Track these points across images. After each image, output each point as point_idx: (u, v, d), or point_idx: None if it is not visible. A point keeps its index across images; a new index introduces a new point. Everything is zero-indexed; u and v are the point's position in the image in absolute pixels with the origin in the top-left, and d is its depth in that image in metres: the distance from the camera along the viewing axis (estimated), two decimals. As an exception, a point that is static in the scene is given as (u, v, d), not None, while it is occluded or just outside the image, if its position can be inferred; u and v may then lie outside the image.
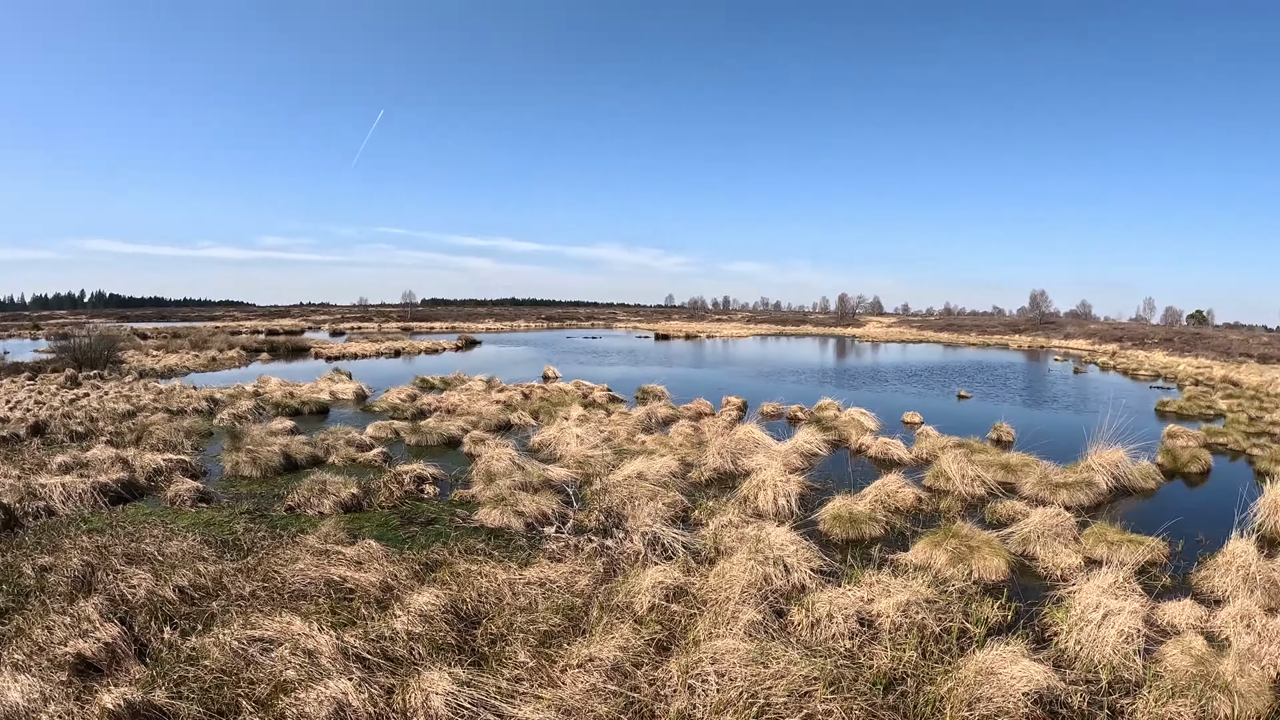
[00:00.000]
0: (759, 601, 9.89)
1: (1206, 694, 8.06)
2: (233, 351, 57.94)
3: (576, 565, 11.27)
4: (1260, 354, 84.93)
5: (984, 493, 17.43)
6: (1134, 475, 18.74)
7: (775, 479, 16.31)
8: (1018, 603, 10.84)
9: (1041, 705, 7.69)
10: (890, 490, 16.41)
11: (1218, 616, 10.29)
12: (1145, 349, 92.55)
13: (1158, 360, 74.01)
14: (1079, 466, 18.52)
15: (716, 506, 15.12)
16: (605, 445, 21.42)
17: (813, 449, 21.60)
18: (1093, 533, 13.84)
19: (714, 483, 18.01)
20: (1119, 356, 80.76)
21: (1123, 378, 56.94)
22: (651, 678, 7.75)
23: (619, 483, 16.37)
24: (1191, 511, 16.29)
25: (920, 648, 8.95)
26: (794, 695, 7.27)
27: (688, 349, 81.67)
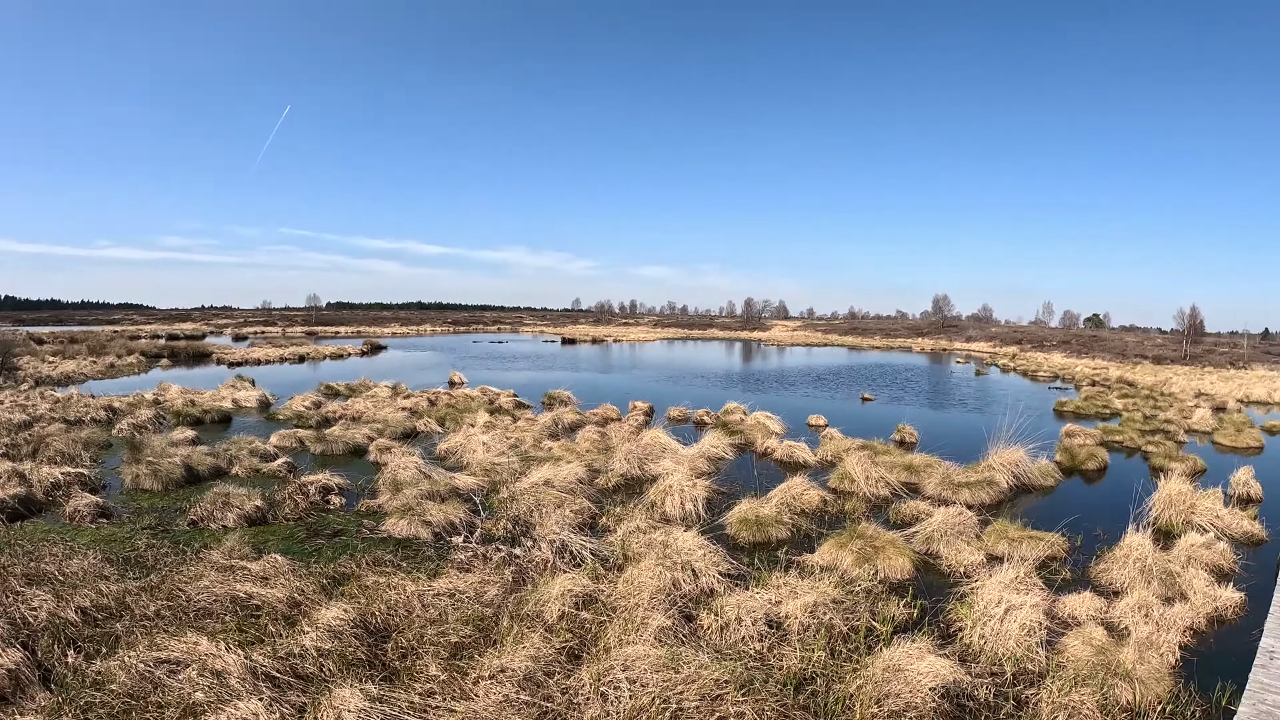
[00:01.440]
0: (668, 607, 10.18)
1: (1108, 682, 8.72)
2: (132, 357, 57.49)
3: (485, 575, 11.40)
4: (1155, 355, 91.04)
5: (888, 493, 18.29)
6: (1034, 473, 19.98)
7: (682, 484, 16.78)
8: (923, 600, 11.43)
9: (949, 699, 8.19)
10: (796, 493, 17.02)
11: (1117, 607, 11.10)
12: (1045, 351, 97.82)
13: (1056, 362, 78.48)
14: (980, 466, 19.62)
15: (624, 512, 15.52)
16: (512, 452, 21.61)
17: (719, 453, 22.25)
18: (994, 530, 14.71)
19: (621, 488, 18.39)
20: (1019, 358, 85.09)
21: (1023, 379, 60.19)
22: (564, 686, 7.91)
23: (526, 490, 16.57)
24: (1090, 507, 17.47)
25: (829, 647, 9.37)
26: (706, 699, 7.54)
27: (595, 353, 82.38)
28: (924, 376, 58.71)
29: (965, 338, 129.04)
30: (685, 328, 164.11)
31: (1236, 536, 15.51)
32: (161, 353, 62.32)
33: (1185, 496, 16.69)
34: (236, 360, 58.26)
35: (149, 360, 57.72)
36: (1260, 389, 50.71)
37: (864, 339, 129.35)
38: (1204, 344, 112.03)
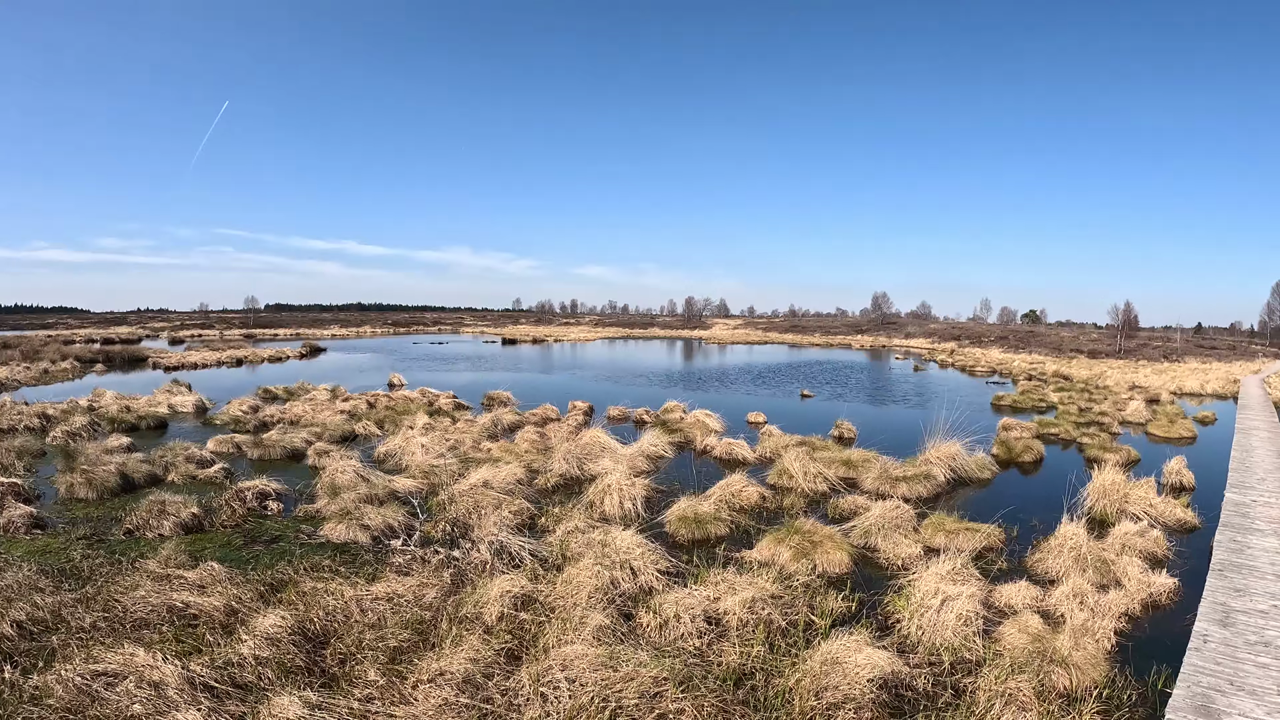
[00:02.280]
0: (607, 605, 10.22)
1: (1045, 669, 8.93)
2: (66, 363, 55.89)
3: (424, 578, 11.33)
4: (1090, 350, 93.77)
5: (826, 489, 18.52)
6: (970, 467, 20.43)
7: (621, 483, 16.84)
8: (861, 593, 11.59)
9: (887, 690, 8.30)
10: (735, 490, 17.15)
11: (1052, 595, 11.37)
12: (982, 347, 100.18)
13: (994, 357, 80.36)
14: (918, 460, 19.99)
15: (563, 512, 15.54)
16: (451, 454, 21.53)
17: (659, 451, 22.34)
18: (931, 523, 14.99)
19: (561, 488, 18.38)
20: (957, 354, 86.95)
21: (961, 374, 61.61)
22: (504, 688, 7.89)
23: (465, 492, 16.51)
24: (1026, 499, 17.89)
25: (768, 642, 9.46)
26: (645, 697, 7.57)
27: (535, 353, 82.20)
28: (863, 373, 59.60)
29: (904, 334, 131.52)
30: (626, 327, 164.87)
31: (1170, 524, 16.03)
32: (96, 357, 60.79)
33: (1119, 486, 17.20)
34: (173, 364, 56.84)
35: (84, 365, 56.15)
36: (1192, 381, 52.60)
37: (804, 337, 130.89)
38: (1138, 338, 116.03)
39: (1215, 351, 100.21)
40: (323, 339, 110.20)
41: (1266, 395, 43.02)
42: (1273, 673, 8.55)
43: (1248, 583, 11.53)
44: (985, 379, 56.52)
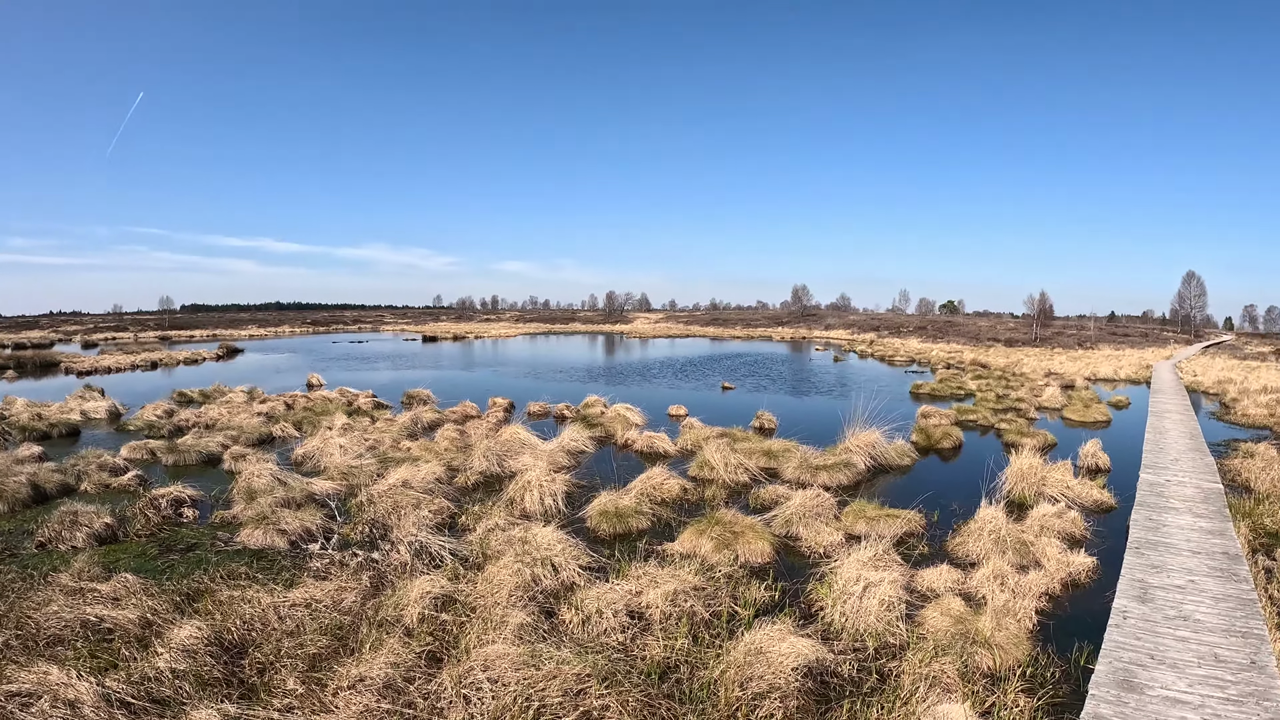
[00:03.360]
0: (528, 603, 10.16)
1: (968, 650, 9.12)
2: None
3: (343, 582, 11.15)
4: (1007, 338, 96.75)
5: (747, 479, 18.68)
6: (891, 454, 20.85)
7: (541, 479, 16.82)
8: (784, 582, 11.70)
9: (812, 677, 8.35)
10: (656, 483, 17.23)
11: (974, 578, 11.63)
12: (901, 337, 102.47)
13: (913, 347, 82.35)
14: (838, 449, 20.30)
15: (484, 510, 15.44)
16: (370, 454, 21.31)
17: (579, 446, 22.35)
18: (853, 510, 15.23)
19: (481, 486, 18.29)
20: (877, 344, 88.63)
21: (881, 364, 62.87)
22: (426, 691, 7.79)
23: (384, 492, 16.38)
24: (946, 484, 18.32)
25: (692, 634, 9.49)
26: (568, 695, 7.56)
27: (456, 350, 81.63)
28: (784, 364, 60.38)
29: (824, 326, 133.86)
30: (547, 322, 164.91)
31: (1087, 505, 16.55)
32: (6, 363, 58.35)
33: (1036, 470, 17.71)
34: (86, 369, 54.70)
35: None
36: (1106, 367, 54.78)
37: (725, 329, 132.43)
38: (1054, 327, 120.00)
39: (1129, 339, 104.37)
40: (240, 340, 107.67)
41: (1178, 379, 44.93)
42: (1193, 646, 8.84)
43: (1164, 559, 11.93)
44: (904, 368, 57.83)
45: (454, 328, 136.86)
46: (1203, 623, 9.53)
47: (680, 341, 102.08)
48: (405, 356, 70.81)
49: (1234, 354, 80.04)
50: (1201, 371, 52.61)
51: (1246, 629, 9.36)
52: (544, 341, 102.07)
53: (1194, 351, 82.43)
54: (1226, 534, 13.39)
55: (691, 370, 53.92)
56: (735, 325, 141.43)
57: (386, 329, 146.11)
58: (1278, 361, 68.36)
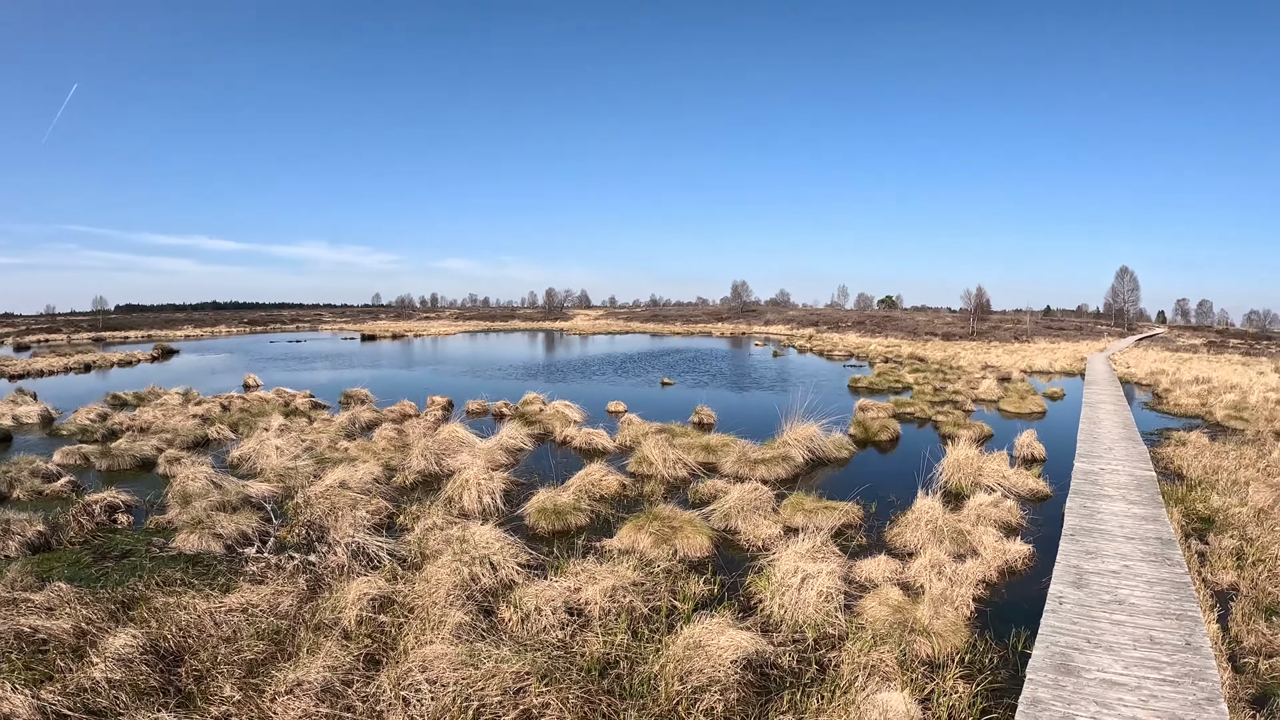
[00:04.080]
0: (466, 602, 10.10)
1: (907, 639, 9.27)
2: None
3: (279, 585, 11.00)
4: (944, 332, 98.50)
5: (686, 474, 18.77)
6: (828, 447, 21.07)
7: (479, 477, 16.72)
8: (723, 576, 11.75)
9: (752, 670, 8.38)
10: (595, 479, 17.23)
11: (911, 567, 11.80)
12: (840, 332, 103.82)
13: (851, 341, 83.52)
14: (776, 443, 20.49)
15: (422, 510, 15.29)
16: (307, 455, 21.06)
17: (518, 444, 22.27)
18: (791, 503, 15.35)
19: (419, 485, 18.17)
20: (816, 339, 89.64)
21: (820, 358, 63.59)
22: (364, 694, 7.72)
23: (321, 493, 16.18)
24: (884, 476, 18.55)
25: (631, 629, 9.49)
26: (507, 693, 7.53)
27: (395, 349, 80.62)
28: (723, 360, 60.82)
29: (764, 321, 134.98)
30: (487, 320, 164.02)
31: (1023, 494, 16.92)
32: None
33: (973, 460, 18.04)
34: (18, 372, 52.90)
35: (-81, 377, 51.52)
36: (1042, 360, 56.22)
37: (665, 325, 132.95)
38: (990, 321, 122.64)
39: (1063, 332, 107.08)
40: (176, 340, 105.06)
41: (1112, 371, 46.21)
42: (1128, 629, 9.06)
43: (1099, 545, 12.20)
44: (843, 362, 58.61)
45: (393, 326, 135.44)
46: (1138, 606, 9.77)
47: (620, 338, 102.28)
48: (344, 356, 69.87)
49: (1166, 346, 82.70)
50: (1135, 363, 54.23)
51: (1181, 611, 9.60)
52: (484, 339, 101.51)
53: (1127, 344, 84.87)
54: (1160, 520, 13.75)
55: (631, 366, 54.00)
56: (675, 321, 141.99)
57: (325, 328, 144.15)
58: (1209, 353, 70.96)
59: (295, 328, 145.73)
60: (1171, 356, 64.05)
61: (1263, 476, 18.01)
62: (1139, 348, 78.40)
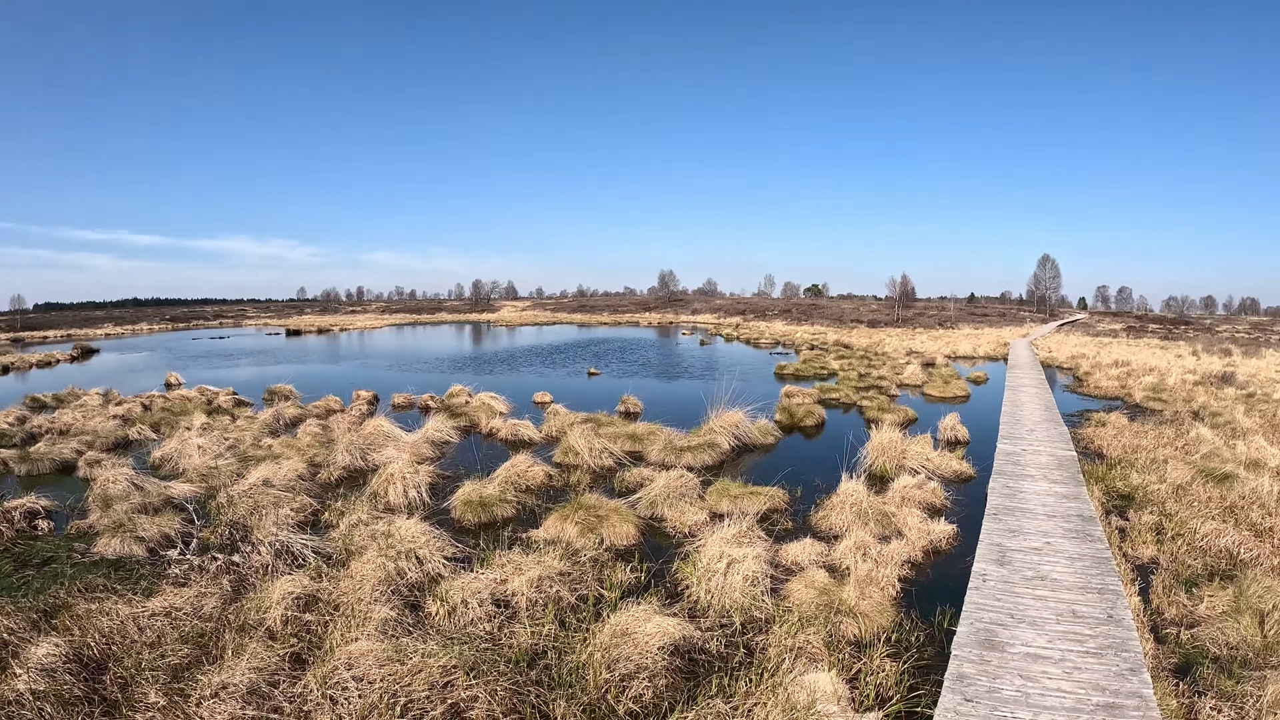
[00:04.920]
0: (392, 598, 10.03)
1: (834, 620, 9.39)
2: None
3: (203, 587, 10.78)
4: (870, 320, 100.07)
5: (612, 463, 18.80)
6: (754, 433, 21.33)
7: (404, 471, 16.61)
8: (650, 563, 11.79)
9: (680, 655, 8.43)
10: (520, 470, 17.16)
11: (837, 549, 11.96)
12: (767, 320, 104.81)
13: (778, 329, 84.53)
14: (702, 430, 20.65)
15: (347, 506, 15.07)
16: (230, 454, 20.66)
17: (444, 437, 22.14)
18: (717, 489, 15.47)
19: (345, 481, 17.95)
20: (743, 328, 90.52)
21: (746, 346, 64.29)
22: (291, 695, 7.62)
23: (245, 492, 15.93)
24: (810, 461, 18.83)
25: (559, 619, 9.51)
26: (435, 687, 7.49)
27: (321, 344, 79.21)
28: (651, 349, 61.02)
29: (691, 310, 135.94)
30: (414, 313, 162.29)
31: (947, 476, 17.33)
32: None
33: (897, 444, 18.39)
34: None
35: None
36: (965, 345, 57.66)
37: (593, 316, 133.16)
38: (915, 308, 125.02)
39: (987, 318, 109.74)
40: (97, 339, 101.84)
41: (1034, 355, 47.43)
42: (1050, 604, 9.28)
43: (1021, 524, 12.47)
44: (770, 350, 59.23)
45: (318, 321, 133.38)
46: (1060, 581, 10.01)
47: (548, 329, 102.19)
48: (268, 352, 68.47)
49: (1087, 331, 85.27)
50: (1056, 348, 55.77)
51: (1103, 585, 9.87)
52: (410, 332, 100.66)
53: (1050, 329, 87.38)
54: (1081, 498, 14.12)
55: (558, 357, 53.89)
56: (602, 311, 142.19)
57: (249, 324, 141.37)
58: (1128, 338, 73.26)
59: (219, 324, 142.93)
60: (1092, 341, 66.11)
61: (1181, 454, 18.71)
62: (1061, 333, 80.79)
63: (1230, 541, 12.56)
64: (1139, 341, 68.22)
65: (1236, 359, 49.26)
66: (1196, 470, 16.62)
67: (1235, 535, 12.75)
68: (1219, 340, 70.67)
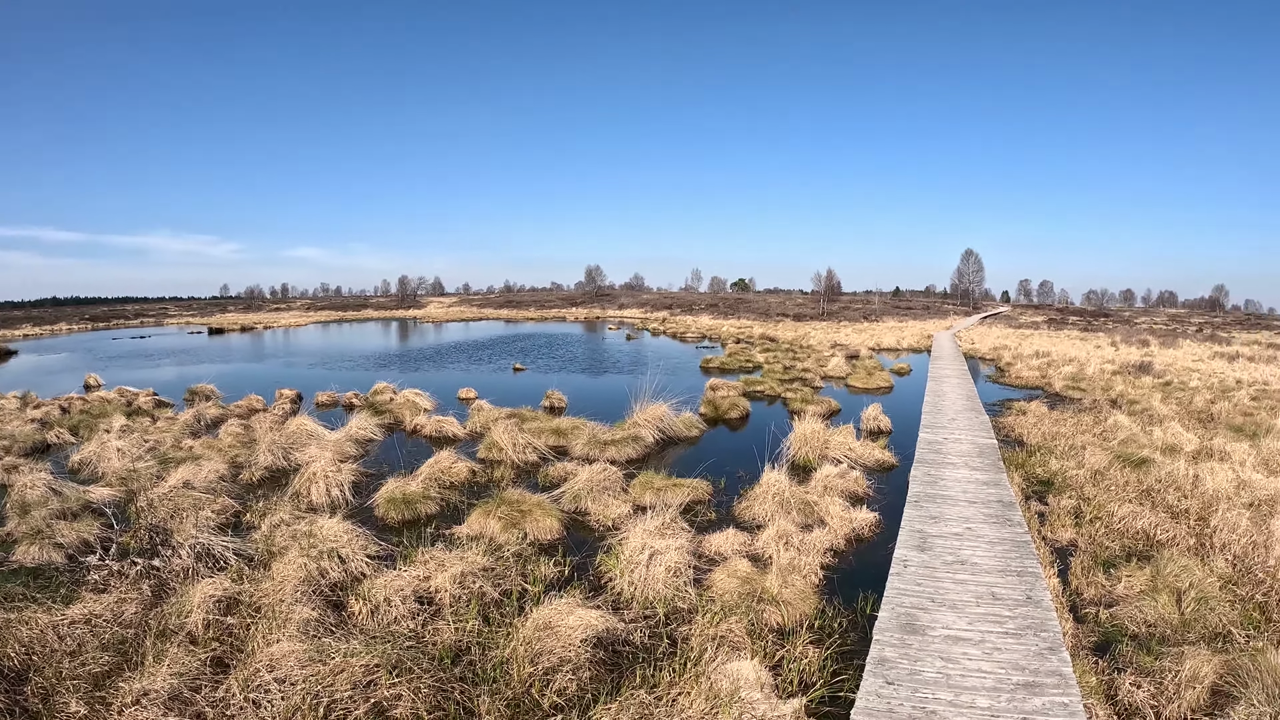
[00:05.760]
0: (314, 598, 9.93)
1: (756, 608, 9.49)
2: None
3: (123, 593, 10.52)
4: (796, 314, 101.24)
5: (536, 458, 18.79)
6: (679, 426, 21.49)
7: (327, 470, 16.40)
8: (574, 557, 11.83)
9: (603, 647, 8.47)
10: (444, 466, 17.07)
11: (760, 539, 12.08)
12: (693, 314, 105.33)
13: (704, 323, 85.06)
14: (627, 424, 20.74)
15: (269, 506, 14.83)
16: (151, 456, 20.09)
17: (367, 434, 21.89)
18: (640, 482, 15.55)
19: (267, 481, 17.65)
20: (669, 322, 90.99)
21: (673, 341, 64.68)
22: (213, 699, 7.51)
23: (165, 495, 15.60)
24: (734, 452, 18.96)
25: (483, 615, 9.48)
26: (358, 687, 7.45)
27: (244, 342, 77.43)
28: (577, 344, 61.03)
29: (618, 305, 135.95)
30: (340, 310, 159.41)
31: (869, 465, 17.60)
32: None
33: (819, 434, 18.70)
34: None
35: None
36: (890, 338, 58.86)
37: (519, 311, 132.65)
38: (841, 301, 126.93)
39: (912, 312, 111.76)
40: (14, 340, 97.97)
41: (957, 347, 48.53)
42: (970, 587, 9.48)
43: (942, 510, 12.73)
44: (696, 344, 59.65)
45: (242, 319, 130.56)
46: (980, 565, 10.24)
47: (474, 325, 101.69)
48: (190, 351, 66.73)
49: (1010, 324, 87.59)
50: (979, 340, 57.17)
51: (1022, 568, 10.12)
52: (336, 330, 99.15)
53: (973, 322, 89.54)
54: (1001, 484, 14.46)
55: (484, 353, 53.60)
56: (529, 307, 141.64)
57: (171, 322, 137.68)
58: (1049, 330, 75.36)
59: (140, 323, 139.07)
60: (1014, 333, 67.93)
61: (1099, 441, 19.30)
62: (984, 325, 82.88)
63: (1147, 523, 13.01)
64: (1060, 333, 70.31)
65: (1154, 349, 51.10)
66: (1114, 456, 17.17)
67: (1152, 517, 13.20)
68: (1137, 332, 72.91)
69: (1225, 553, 11.78)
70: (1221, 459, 17.11)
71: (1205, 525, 12.89)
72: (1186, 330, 79.99)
